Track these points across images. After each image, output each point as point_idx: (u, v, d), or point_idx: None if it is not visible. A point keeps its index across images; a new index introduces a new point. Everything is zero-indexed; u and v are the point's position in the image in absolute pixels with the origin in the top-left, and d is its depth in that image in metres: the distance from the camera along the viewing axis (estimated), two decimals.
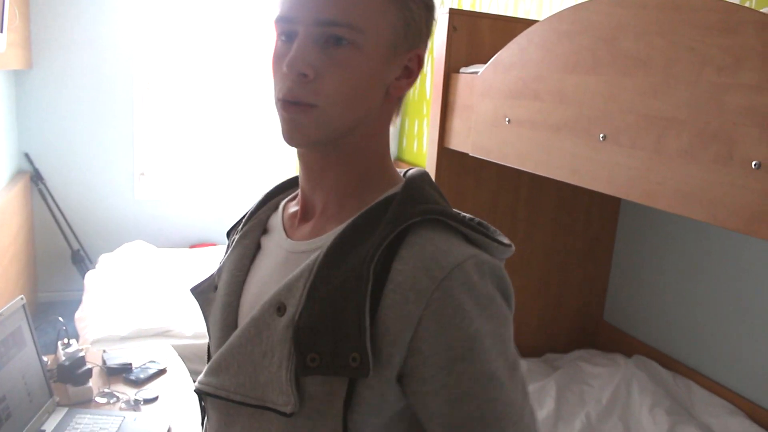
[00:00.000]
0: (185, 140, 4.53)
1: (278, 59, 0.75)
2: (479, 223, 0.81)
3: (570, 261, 2.60)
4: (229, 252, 0.90)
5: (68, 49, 4.06)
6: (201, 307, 0.90)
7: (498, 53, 1.86)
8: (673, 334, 2.40)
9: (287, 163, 4.58)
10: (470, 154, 2.05)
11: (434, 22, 0.81)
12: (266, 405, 0.74)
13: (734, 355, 2.17)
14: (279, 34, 0.76)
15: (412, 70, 0.80)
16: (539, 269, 2.58)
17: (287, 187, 0.95)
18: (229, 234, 0.96)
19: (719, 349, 2.22)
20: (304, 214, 0.85)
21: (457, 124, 2.17)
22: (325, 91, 0.72)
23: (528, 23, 1.95)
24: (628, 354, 2.47)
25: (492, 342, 0.73)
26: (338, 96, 0.73)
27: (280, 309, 0.74)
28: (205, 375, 0.80)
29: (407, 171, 0.85)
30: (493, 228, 0.82)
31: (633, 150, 1.35)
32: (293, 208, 0.88)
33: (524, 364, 0.80)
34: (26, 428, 1.43)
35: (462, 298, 0.71)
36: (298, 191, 0.88)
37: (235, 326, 0.83)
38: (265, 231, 0.89)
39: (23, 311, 1.55)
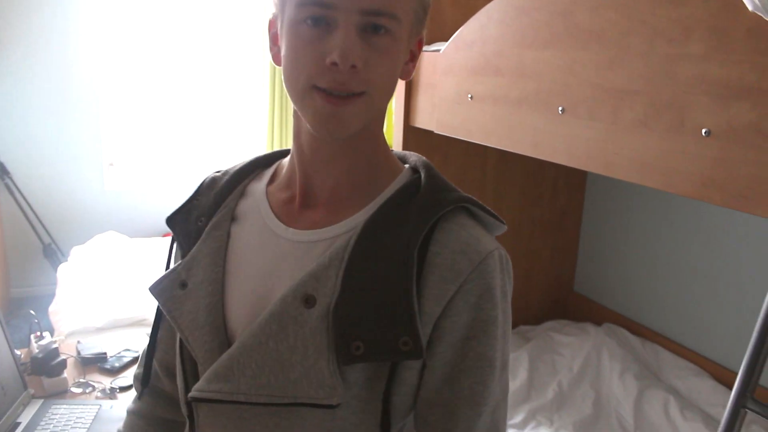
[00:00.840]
0: (153, 129, 4.48)
1: (306, 44, 0.72)
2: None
3: (539, 233, 2.65)
4: (198, 244, 0.84)
5: (30, 39, 3.98)
6: (165, 306, 0.83)
7: (459, 30, 1.87)
8: (641, 302, 2.46)
9: (254, 147, 4.56)
10: (435, 132, 2.06)
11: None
12: (301, 401, 0.71)
13: (699, 318, 2.24)
14: (303, 18, 0.71)
15: (415, 54, 0.82)
16: (508, 243, 2.57)
17: (248, 171, 0.91)
18: (172, 222, 0.91)
19: (685, 314, 2.29)
20: (305, 202, 0.82)
21: (421, 102, 2.19)
22: (372, 79, 0.72)
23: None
24: (599, 323, 2.53)
25: (501, 332, 0.77)
26: (383, 83, 0.74)
27: (309, 301, 0.73)
28: (209, 382, 0.74)
29: (401, 155, 0.88)
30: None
31: (591, 122, 1.38)
32: (282, 194, 0.85)
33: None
34: (0, 421, 1.44)
35: (492, 282, 0.75)
36: (273, 174, 0.88)
37: (224, 327, 0.79)
38: (233, 219, 0.86)
39: None
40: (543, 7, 1.50)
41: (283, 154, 0.93)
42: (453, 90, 1.93)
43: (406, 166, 0.85)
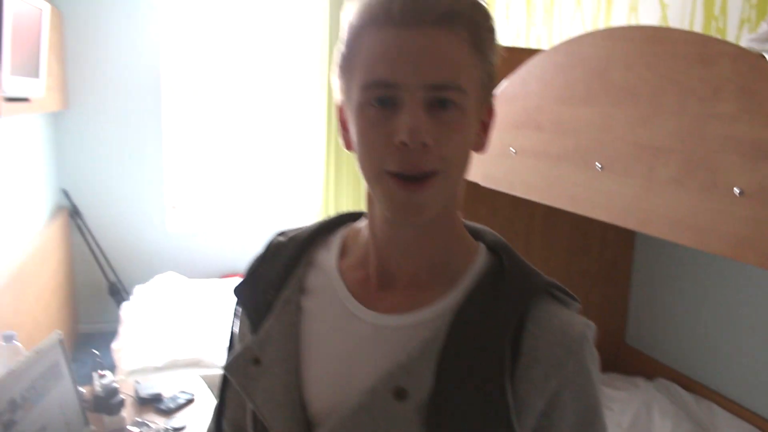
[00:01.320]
0: (214, 173, 4.67)
1: (375, 128, 0.70)
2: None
3: (587, 285, 2.62)
4: (270, 319, 0.81)
5: (100, 89, 4.25)
6: (240, 384, 0.80)
7: (502, 85, 1.92)
8: (695, 356, 2.40)
9: (314, 194, 4.69)
10: (481, 184, 2.10)
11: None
12: None
13: (756, 376, 2.16)
14: (369, 100, 0.70)
15: (486, 124, 0.79)
16: None
17: (312, 238, 0.87)
18: (240, 292, 0.89)
19: (742, 370, 2.21)
20: (382, 283, 0.80)
21: None
22: (445, 156, 0.70)
23: (534, 53, 2.01)
24: (651, 377, 2.47)
25: (602, 407, 0.77)
26: (457, 159, 0.72)
27: (400, 394, 0.71)
28: None
29: (472, 229, 0.85)
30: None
31: (627, 179, 1.40)
32: (357, 273, 0.82)
33: None
34: None
35: (591, 368, 0.74)
36: (343, 248, 0.85)
37: (303, 406, 0.78)
38: (302, 291, 0.83)
39: (59, 346, 1.65)
40: (579, 65, 1.54)
41: (347, 218, 0.90)
42: (497, 143, 1.96)
43: (480, 243, 0.83)
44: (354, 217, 0.89)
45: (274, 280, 0.84)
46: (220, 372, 0.85)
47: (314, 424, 0.77)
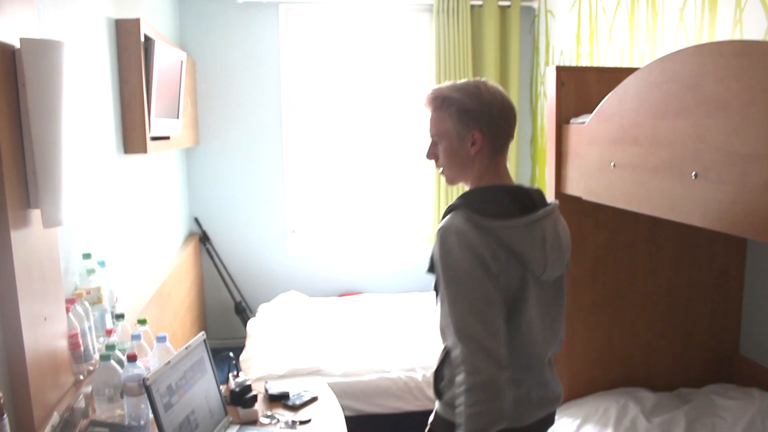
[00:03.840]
0: (330, 199, 4.96)
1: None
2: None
3: (696, 295, 2.63)
4: None
5: (227, 126, 4.66)
6: None
7: (600, 104, 2.03)
8: None
9: (425, 216, 4.87)
10: (583, 198, 2.20)
11: (484, 113, 1.54)
12: None
13: None
14: None
15: (475, 141, 1.57)
16: (664, 305, 2.62)
17: None
18: None
19: None
20: None
21: (570, 170, 2.34)
22: (441, 163, 1.63)
23: (630, 72, 2.11)
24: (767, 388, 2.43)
25: (447, 274, 1.48)
26: (446, 163, 1.62)
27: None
28: None
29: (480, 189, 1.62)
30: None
31: (721, 185, 1.47)
32: None
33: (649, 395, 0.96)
34: None
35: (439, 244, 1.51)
36: None
37: None
38: None
39: (204, 344, 1.90)
40: (673, 81, 1.63)
41: None
42: (597, 159, 2.07)
43: None
44: None
45: None
46: (341, 378, 1.32)
47: None
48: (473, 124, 1.54)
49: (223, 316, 4.81)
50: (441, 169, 1.63)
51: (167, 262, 3.67)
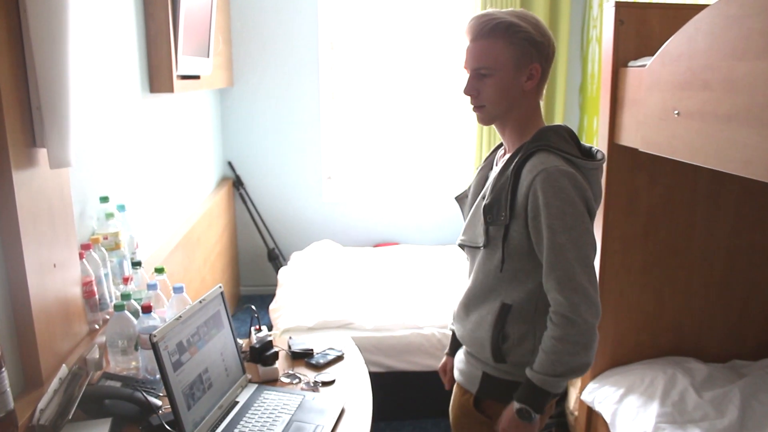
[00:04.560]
0: (368, 145, 4.79)
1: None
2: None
3: (758, 261, 2.41)
4: (472, 180, 1.64)
5: (263, 67, 4.49)
6: (460, 207, 1.68)
7: (665, 44, 1.80)
8: None
9: (464, 166, 4.67)
10: (640, 150, 1.99)
11: (545, 46, 1.43)
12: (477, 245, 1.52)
13: None
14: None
15: (533, 75, 1.45)
16: (722, 270, 2.41)
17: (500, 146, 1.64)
18: (458, 198, 1.71)
19: None
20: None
21: (626, 119, 2.12)
22: (483, 99, 1.48)
23: (700, 10, 1.86)
24: None
25: (553, 218, 1.36)
26: (491, 99, 1.48)
27: (484, 197, 1.51)
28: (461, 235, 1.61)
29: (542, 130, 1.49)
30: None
31: None
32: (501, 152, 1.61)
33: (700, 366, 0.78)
34: (224, 398, 1.65)
35: (540, 191, 1.38)
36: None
37: None
38: (491, 168, 1.61)
39: (221, 298, 1.78)
40: (757, 15, 1.40)
41: None
42: (658, 106, 1.85)
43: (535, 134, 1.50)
44: None
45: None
46: (372, 332, 1.25)
47: None
48: (536, 57, 1.42)
49: (256, 263, 4.75)
50: (477, 105, 1.49)
51: (197, 206, 3.58)
